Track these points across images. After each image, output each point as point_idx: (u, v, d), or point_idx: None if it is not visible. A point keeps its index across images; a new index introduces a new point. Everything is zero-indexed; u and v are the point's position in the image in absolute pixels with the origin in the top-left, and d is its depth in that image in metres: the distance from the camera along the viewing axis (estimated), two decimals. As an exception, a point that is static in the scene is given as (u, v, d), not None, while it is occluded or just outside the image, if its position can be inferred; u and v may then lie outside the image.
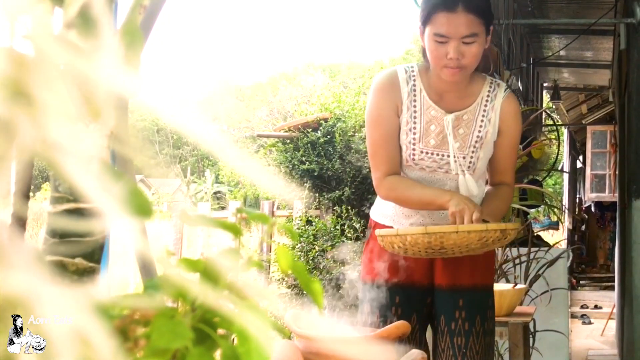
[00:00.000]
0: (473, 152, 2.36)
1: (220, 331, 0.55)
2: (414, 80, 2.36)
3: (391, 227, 2.44)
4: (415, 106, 2.35)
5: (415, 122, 2.34)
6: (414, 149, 2.34)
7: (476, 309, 2.44)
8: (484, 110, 2.37)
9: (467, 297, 2.43)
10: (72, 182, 0.43)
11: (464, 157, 2.36)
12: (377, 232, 2.24)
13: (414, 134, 2.34)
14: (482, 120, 2.37)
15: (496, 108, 2.38)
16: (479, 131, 2.37)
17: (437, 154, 2.35)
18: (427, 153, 2.35)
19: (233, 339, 0.55)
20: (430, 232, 2.10)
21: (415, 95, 2.35)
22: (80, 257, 0.76)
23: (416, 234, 2.11)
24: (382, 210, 2.47)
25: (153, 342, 0.49)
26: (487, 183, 2.54)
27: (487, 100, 2.38)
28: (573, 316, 9.27)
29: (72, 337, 0.40)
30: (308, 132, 9.98)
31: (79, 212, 0.76)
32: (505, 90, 2.40)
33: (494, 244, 2.16)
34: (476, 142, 2.36)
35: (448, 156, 2.35)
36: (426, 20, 2.24)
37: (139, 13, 0.76)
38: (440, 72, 2.27)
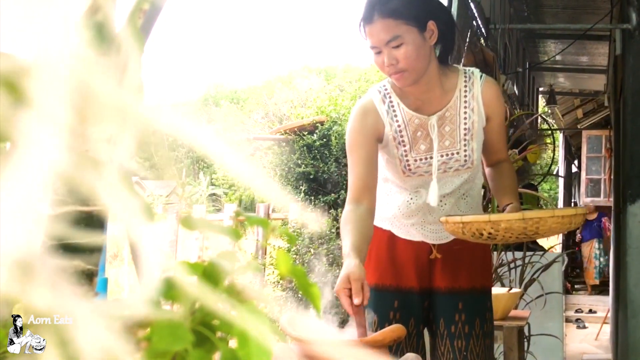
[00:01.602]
0: (465, 145, 2.36)
1: (220, 334, 0.55)
2: (389, 98, 2.36)
3: (389, 231, 2.44)
4: (397, 121, 2.34)
5: (402, 136, 2.34)
6: (407, 160, 2.34)
7: (476, 311, 2.45)
8: (465, 102, 2.37)
9: (466, 299, 2.44)
10: (72, 184, 0.44)
11: (457, 153, 2.35)
12: (461, 219, 2.19)
13: (404, 145, 2.34)
14: (465, 112, 2.36)
15: (477, 96, 2.37)
16: (465, 123, 2.36)
17: (430, 157, 2.35)
18: (420, 160, 2.35)
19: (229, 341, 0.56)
20: (527, 217, 2.11)
21: (394, 111, 2.35)
22: (79, 260, 0.76)
23: (512, 219, 2.11)
24: (381, 214, 2.47)
25: (153, 345, 0.50)
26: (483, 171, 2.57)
27: (465, 91, 2.37)
28: (567, 320, 9.29)
29: (101, 351, 0.40)
30: (304, 135, 9.98)
31: (77, 215, 0.76)
32: (481, 76, 2.40)
33: (575, 226, 2.24)
34: (465, 134, 2.36)
35: (441, 156, 2.35)
36: (363, 35, 2.27)
37: (138, 18, 0.77)
38: (393, 80, 2.29)
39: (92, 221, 0.74)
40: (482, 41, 5.60)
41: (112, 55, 0.45)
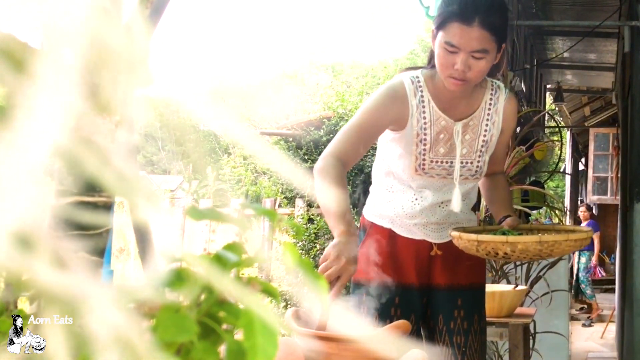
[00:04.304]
0: (480, 156, 2.37)
1: (226, 326, 0.54)
2: (421, 92, 2.33)
3: (389, 229, 2.43)
4: (425, 117, 2.32)
5: (425, 134, 2.32)
6: (424, 159, 2.33)
7: (474, 307, 2.47)
8: (488, 114, 2.38)
9: (465, 295, 2.46)
10: (79, 173, 0.43)
11: (471, 162, 2.36)
12: (476, 237, 2.20)
13: (424, 144, 2.32)
14: (486, 125, 2.38)
15: (499, 111, 2.39)
16: (484, 135, 2.38)
17: (446, 162, 2.35)
18: (436, 162, 2.34)
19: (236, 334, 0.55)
20: (543, 240, 2.16)
21: (424, 107, 2.32)
22: (83, 251, 0.76)
23: (529, 242, 2.16)
24: (380, 211, 2.45)
25: (158, 336, 0.49)
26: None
27: (490, 104, 2.38)
28: (573, 318, 9.27)
29: (114, 333, 0.40)
30: (311, 131, 9.98)
31: (82, 206, 0.76)
32: (505, 92, 2.42)
33: (583, 246, 2.31)
34: (482, 146, 2.37)
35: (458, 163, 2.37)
36: (440, 25, 2.20)
37: (146, 7, 0.76)
38: (445, 81, 2.25)
39: (97, 212, 0.74)
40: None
41: (120, 43, 0.45)
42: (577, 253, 11.14)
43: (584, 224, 11.36)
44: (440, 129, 2.34)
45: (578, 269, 11.01)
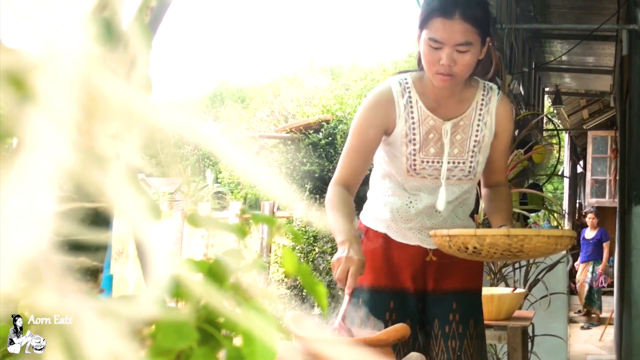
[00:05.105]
0: (472, 156, 2.37)
1: (225, 332, 0.55)
2: (409, 92, 2.35)
3: (385, 234, 2.43)
4: (413, 118, 2.34)
5: (414, 134, 2.34)
6: (414, 160, 2.34)
7: (470, 312, 2.46)
8: (480, 115, 2.38)
9: (460, 300, 2.45)
10: (79, 181, 0.44)
11: (463, 163, 2.36)
12: (447, 232, 2.19)
13: (414, 144, 2.34)
14: (478, 125, 2.38)
15: (491, 111, 2.39)
16: (476, 135, 2.38)
17: (437, 162, 2.35)
18: (427, 162, 2.35)
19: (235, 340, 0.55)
20: (512, 234, 2.09)
21: (412, 107, 2.34)
22: (84, 256, 0.76)
23: (497, 235, 2.10)
24: (376, 215, 2.46)
25: (158, 343, 0.50)
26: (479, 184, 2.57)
27: (481, 105, 2.39)
28: (572, 321, 9.27)
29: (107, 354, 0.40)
30: (309, 134, 9.98)
31: (83, 212, 0.76)
32: (498, 93, 2.42)
33: (562, 248, 2.21)
34: (474, 146, 2.37)
35: (447, 163, 2.36)
36: (423, 23, 2.23)
37: (146, 15, 0.77)
38: (432, 78, 2.27)
39: (98, 218, 0.74)
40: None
41: (120, 51, 0.45)
42: (592, 262, 10.88)
43: (593, 232, 11.04)
44: (429, 129, 2.35)
45: (592, 278, 10.81)
